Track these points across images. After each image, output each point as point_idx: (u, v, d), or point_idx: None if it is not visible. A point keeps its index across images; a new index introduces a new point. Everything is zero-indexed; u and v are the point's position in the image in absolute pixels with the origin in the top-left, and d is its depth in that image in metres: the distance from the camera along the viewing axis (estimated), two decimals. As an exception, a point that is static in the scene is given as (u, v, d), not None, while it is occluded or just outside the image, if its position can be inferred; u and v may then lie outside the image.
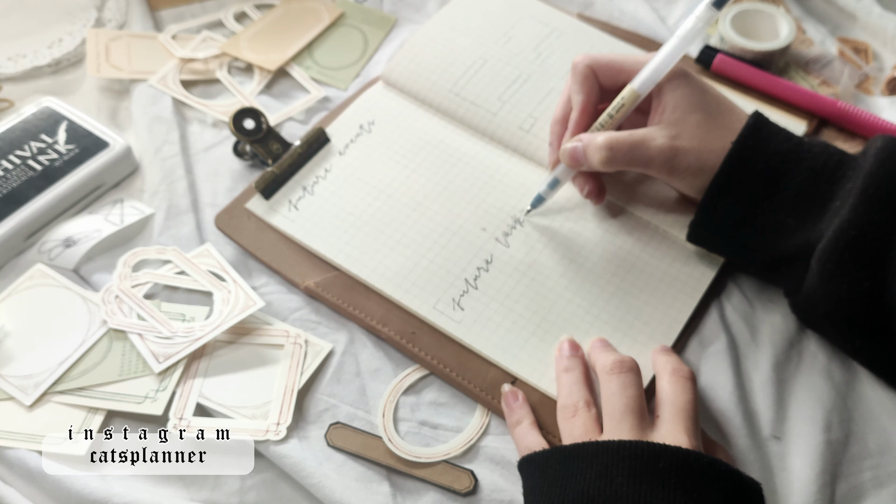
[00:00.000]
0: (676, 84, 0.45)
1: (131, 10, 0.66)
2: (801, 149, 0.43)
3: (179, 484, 0.42)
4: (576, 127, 0.47)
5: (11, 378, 0.44)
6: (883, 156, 0.41)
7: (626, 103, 0.45)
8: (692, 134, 0.44)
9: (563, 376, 0.43)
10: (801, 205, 0.42)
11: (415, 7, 0.68)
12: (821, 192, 0.42)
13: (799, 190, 0.42)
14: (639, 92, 0.45)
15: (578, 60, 0.47)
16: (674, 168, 0.44)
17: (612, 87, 0.47)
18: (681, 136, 0.44)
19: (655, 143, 0.44)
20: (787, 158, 0.43)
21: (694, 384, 0.40)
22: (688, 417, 0.38)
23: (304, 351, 0.46)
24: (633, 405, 0.39)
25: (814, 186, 0.42)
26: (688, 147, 0.44)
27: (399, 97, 0.58)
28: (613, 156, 0.44)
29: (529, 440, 0.41)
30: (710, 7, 0.43)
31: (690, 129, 0.44)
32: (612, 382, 0.40)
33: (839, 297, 0.41)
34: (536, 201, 0.50)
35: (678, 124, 0.44)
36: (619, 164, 0.45)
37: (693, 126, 0.44)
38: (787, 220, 0.43)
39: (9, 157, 0.52)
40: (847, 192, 0.41)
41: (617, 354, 0.42)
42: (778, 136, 0.44)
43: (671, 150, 0.44)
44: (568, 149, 0.47)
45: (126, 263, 0.49)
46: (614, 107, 0.46)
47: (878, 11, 0.65)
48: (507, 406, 0.43)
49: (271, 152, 0.53)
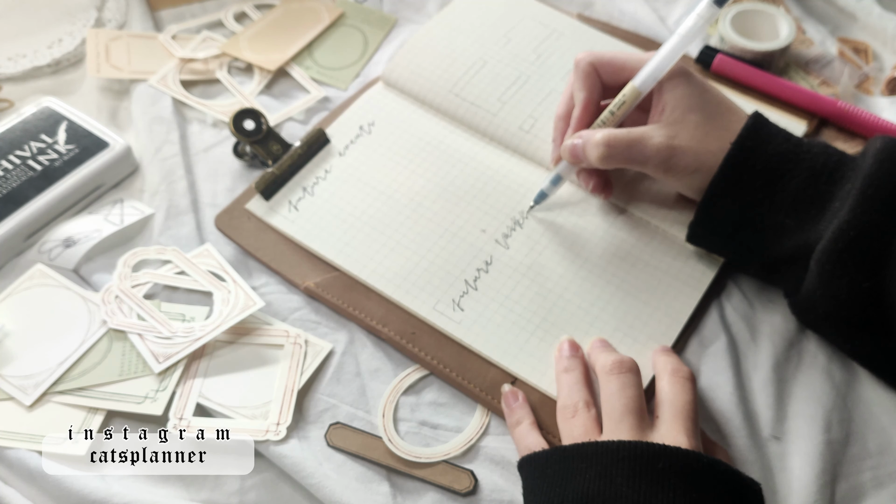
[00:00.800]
0: (677, 83, 0.45)
1: (131, 11, 0.66)
2: (801, 149, 0.43)
3: (179, 484, 0.42)
4: (578, 123, 0.47)
5: (11, 378, 0.44)
6: (882, 157, 0.41)
7: (628, 100, 0.45)
8: (690, 134, 0.44)
9: (562, 377, 0.43)
10: (801, 206, 0.42)
11: (415, 7, 0.68)
12: (820, 193, 0.42)
13: (798, 191, 0.42)
14: (640, 89, 0.45)
15: (581, 58, 0.47)
16: (670, 167, 0.44)
17: (614, 85, 0.47)
18: (679, 136, 0.44)
19: (653, 142, 0.44)
20: (786, 159, 0.43)
21: (694, 384, 0.40)
22: (687, 418, 0.38)
23: (303, 351, 0.46)
24: (633, 405, 0.39)
25: (813, 187, 0.42)
26: (685, 147, 0.44)
27: (399, 98, 0.58)
28: (611, 153, 0.45)
29: (529, 440, 0.41)
30: (711, 5, 0.43)
31: (689, 129, 0.44)
32: (612, 383, 0.40)
33: (838, 298, 0.41)
34: (539, 197, 0.51)
35: (677, 123, 0.44)
36: (616, 161, 0.45)
37: (692, 126, 0.44)
38: (786, 220, 0.43)
39: (9, 157, 0.52)
40: (846, 193, 0.41)
41: (617, 354, 0.42)
42: (777, 137, 0.44)
43: (668, 150, 0.44)
44: (569, 145, 0.47)
45: (126, 263, 0.49)
46: (616, 104, 0.46)
47: (879, 11, 0.65)
48: (507, 406, 0.43)
49: (271, 153, 0.53)
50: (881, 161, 0.41)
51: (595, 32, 0.61)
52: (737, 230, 0.44)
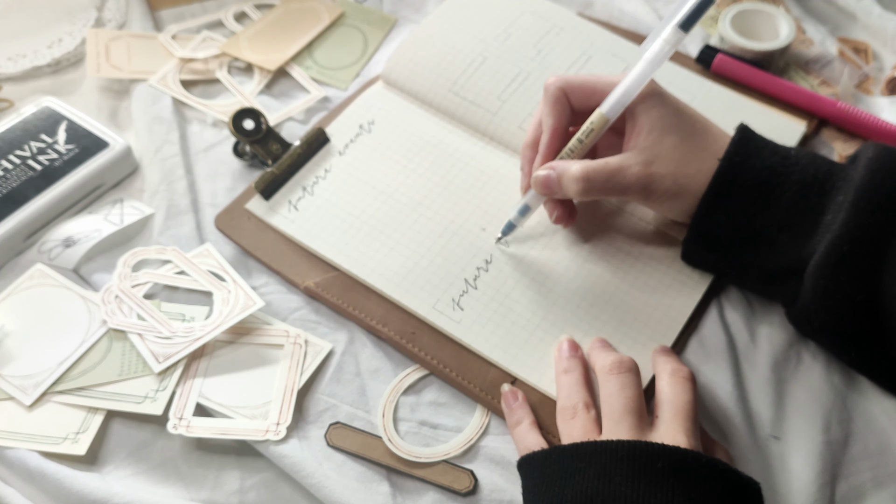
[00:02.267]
0: (650, 105, 0.44)
1: (131, 10, 0.66)
2: (789, 161, 0.43)
3: (179, 484, 0.42)
4: (546, 152, 0.46)
5: (11, 378, 0.44)
6: (874, 166, 0.41)
7: (596, 128, 0.44)
8: (668, 157, 0.43)
9: (562, 377, 0.43)
10: (793, 219, 0.42)
11: (414, 7, 0.68)
12: (811, 206, 0.42)
13: (790, 204, 0.42)
14: (608, 116, 0.43)
15: (550, 82, 0.45)
16: (650, 193, 0.44)
17: (585, 110, 0.45)
18: (657, 161, 0.43)
19: (631, 171, 0.43)
20: (775, 172, 0.42)
21: (693, 384, 0.40)
22: (687, 418, 0.38)
23: (303, 351, 0.46)
24: (632, 405, 0.39)
25: (804, 200, 0.42)
26: (664, 172, 0.43)
27: (399, 97, 0.58)
28: (590, 186, 0.43)
29: (529, 440, 0.41)
30: (676, 30, 0.42)
31: (666, 153, 0.43)
32: (611, 383, 0.40)
33: (834, 311, 0.41)
34: (507, 229, 0.49)
35: (653, 148, 0.43)
36: (595, 194, 0.44)
37: (669, 149, 0.43)
38: (779, 235, 0.42)
39: (8, 157, 0.52)
40: (838, 206, 0.41)
41: (616, 354, 0.42)
42: (765, 150, 0.43)
43: (647, 177, 0.43)
44: (541, 177, 0.45)
45: (126, 263, 0.49)
46: (584, 132, 0.44)
47: (879, 11, 0.65)
48: (506, 406, 0.43)
49: (271, 153, 0.53)
50: (873, 172, 0.40)
51: (595, 28, 0.60)
52: (730, 247, 0.44)
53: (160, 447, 0.43)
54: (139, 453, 0.43)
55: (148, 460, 0.42)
